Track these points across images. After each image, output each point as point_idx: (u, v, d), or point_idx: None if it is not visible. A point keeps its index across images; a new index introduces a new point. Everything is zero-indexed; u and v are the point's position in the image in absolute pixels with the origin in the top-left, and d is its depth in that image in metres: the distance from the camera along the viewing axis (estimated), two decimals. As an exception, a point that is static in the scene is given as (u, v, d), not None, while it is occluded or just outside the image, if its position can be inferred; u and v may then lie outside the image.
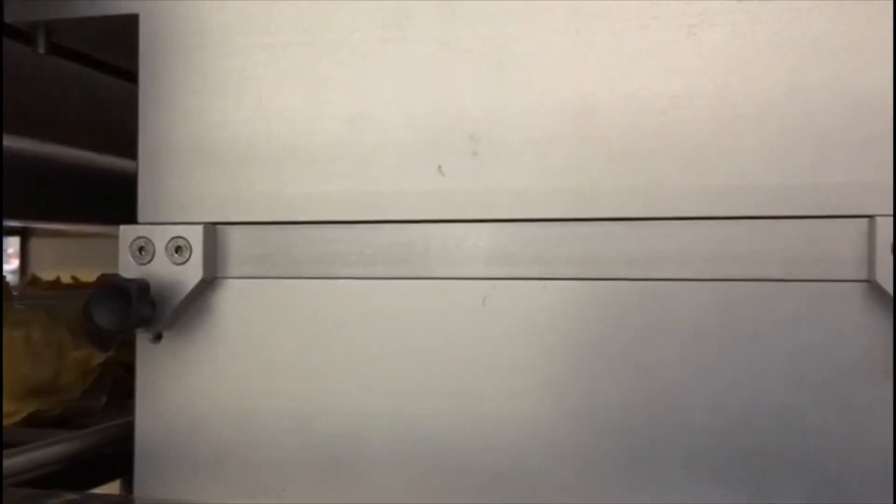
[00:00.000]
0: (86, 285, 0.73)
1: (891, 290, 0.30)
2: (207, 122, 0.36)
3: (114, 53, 0.44)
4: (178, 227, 0.36)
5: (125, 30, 0.37)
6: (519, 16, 0.33)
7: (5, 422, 0.45)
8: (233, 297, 0.36)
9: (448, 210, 0.34)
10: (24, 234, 1.34)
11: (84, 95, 0.51)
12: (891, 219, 0.30)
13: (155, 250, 0.36)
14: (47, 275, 1.34)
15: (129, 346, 0.52)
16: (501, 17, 0.33)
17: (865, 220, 0.31)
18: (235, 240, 0.36)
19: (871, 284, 0.30)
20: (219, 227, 0.36)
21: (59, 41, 0.40)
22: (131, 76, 0.39)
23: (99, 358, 0.49)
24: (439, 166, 0.34)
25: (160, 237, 0.36)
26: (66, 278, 0.86)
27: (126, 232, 0.36)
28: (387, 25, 0.35)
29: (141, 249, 0.36)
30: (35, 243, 1.35)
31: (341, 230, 0.35)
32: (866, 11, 0.31)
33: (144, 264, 0.36)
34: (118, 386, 0.52)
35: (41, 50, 0.39)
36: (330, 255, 0.35)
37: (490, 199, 0.34)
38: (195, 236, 0.35)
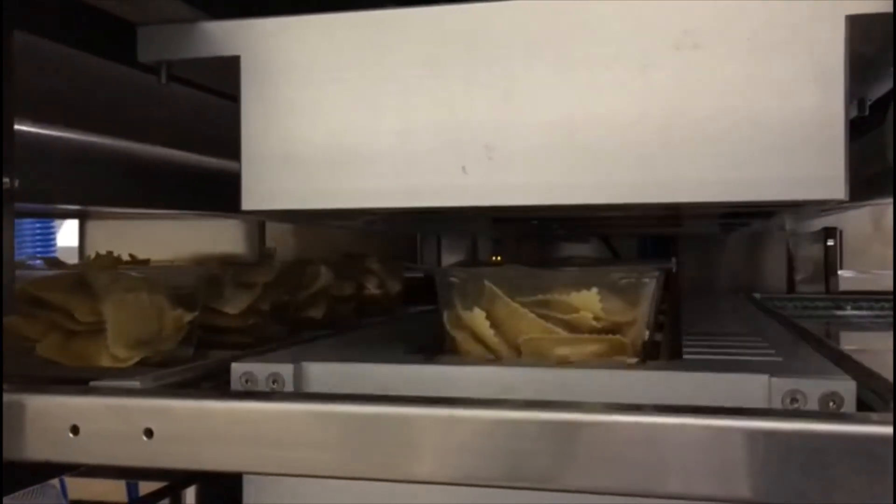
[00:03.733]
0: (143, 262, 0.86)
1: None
2: (293, 136, 0.49)
3: (219, 81, 0.57)
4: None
5: (229, 66, 0.50)
6: (521, 59, 0.46)
7: (122, 365, 0.58)
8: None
9: (471, 198, 0.47)
10: (82, 218, 1.47)
11: (194, 111, 0.64)
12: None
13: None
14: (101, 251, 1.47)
15: (211, 311, 0.65)
16: (508, 60, 0.46)
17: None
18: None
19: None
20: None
21: (178, 73, 0.54)
22: (230, 97, 0.52)
23: (189, 317, 0.62)
24: (463, 167, 0.47)
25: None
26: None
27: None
28: (424, 65, 0.48)
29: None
30: (91, 225, 1.49)
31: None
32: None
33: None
34: (201, 340, 0.65)
35: (164, 80, 0.53)
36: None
37: (502, 190, 0.47)
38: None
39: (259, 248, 1.39)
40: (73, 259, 1.49)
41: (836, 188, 0.42)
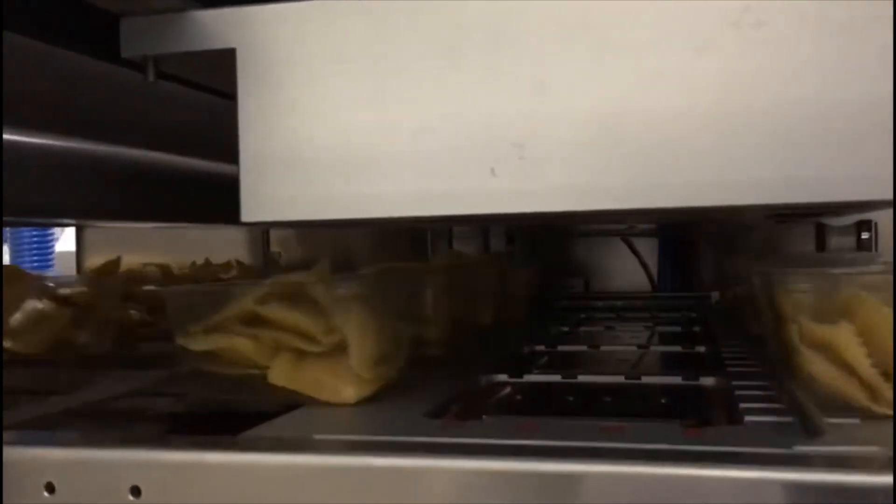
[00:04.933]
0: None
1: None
2: (297, 137, 0.44)
3: (213, 77, 0.52)
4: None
5: (224, 61, 0.45)
6: (555, 45, 0.40)
7: (366, 392, 0.51)
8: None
9: (501, 204, 0.42)
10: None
11: (185, 111, 0.59)
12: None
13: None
14: (98, 259, 1.43)
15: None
16: (540, 46, 0.41)
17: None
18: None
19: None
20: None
21: (167, 70, 0.48)
22: (227, 96, 0.46)
23: (409, 331, 0.58)
24: (492, 169, 0.42)
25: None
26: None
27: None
28: (443, 55, 0.42)
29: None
30: (89, 231, 1.44)
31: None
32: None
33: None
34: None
35: (151, 78, 0.47)
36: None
37: (536, 195, 0.41)
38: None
39: (263, 252, 1.33)
40: (70, 266, 1.44)
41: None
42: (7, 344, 0.75)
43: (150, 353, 0.82)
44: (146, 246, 1.29)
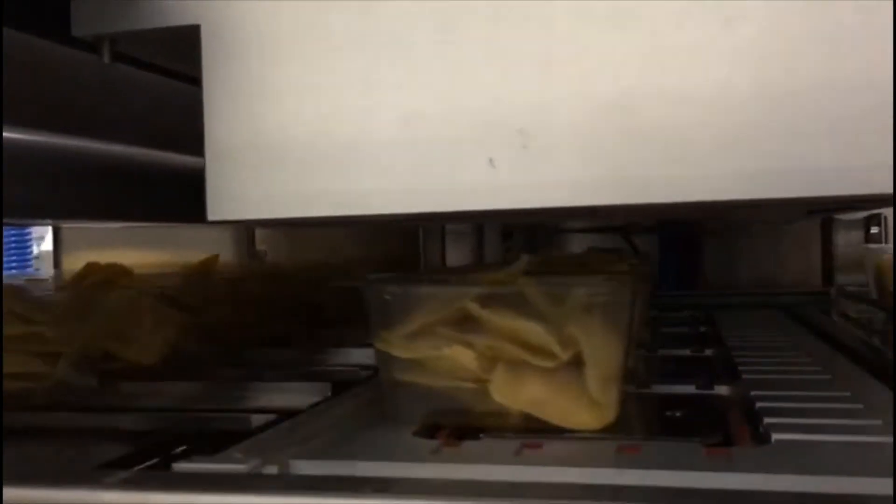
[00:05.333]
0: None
1: None
2: (270, 125, 0.39)
3: (176, 59, 0.46)
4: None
5: (188, 39, 0.40)
6: (563, 17, 0.35)
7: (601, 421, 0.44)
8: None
9: (501, 200, 0.37)
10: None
11: (144, 97, 0.53)
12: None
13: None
14: (78, 257, 1.37)
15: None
16: (546, 18, 0.36)
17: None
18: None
19: None
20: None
21: (124, 50, 0.43)
22: (192, 79, 0.41)
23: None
24: (491, 159, 0.37)
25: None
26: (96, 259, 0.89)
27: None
28: (436, 29, 0.37)
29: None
30: (67, 229, 1.38)
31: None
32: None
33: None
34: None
35: (106, 60, 0.42)
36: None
37: (542, 188, 0.36)
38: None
39: (248, 250, 1.28)
40: (48, 267, 1.38)
41: None
42: (121, 353, 0.70)
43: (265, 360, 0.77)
44: (128, 243, 1.24)
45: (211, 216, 0.39)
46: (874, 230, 1.14)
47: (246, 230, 1.28)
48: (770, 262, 1.27)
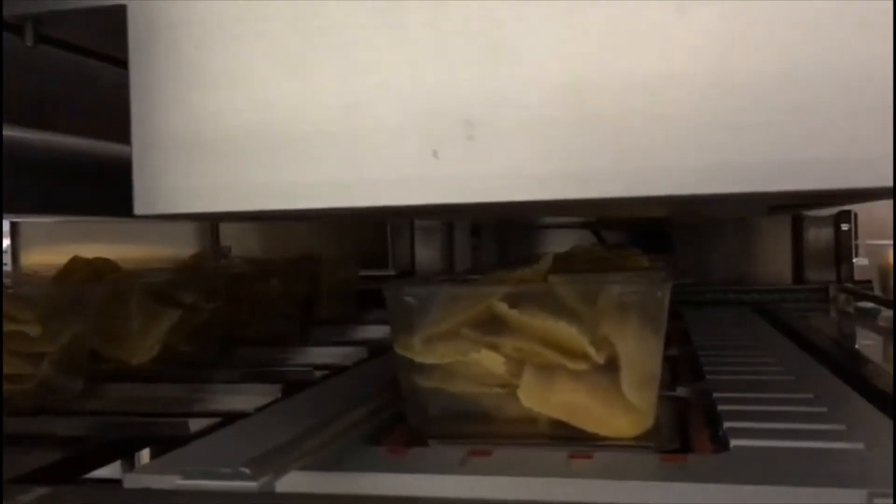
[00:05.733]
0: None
1: None
2: (201, 113, 0.36)
3: (104, 42, 0.44)
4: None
5: (115, 20, 0.37)
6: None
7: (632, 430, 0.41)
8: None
9: (445, 194, 0.34)
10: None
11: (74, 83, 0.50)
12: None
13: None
14: (34, 253, 1.33)
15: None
16: (491, 1, 0.33)
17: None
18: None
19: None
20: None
21: (48, 33, 0.40)
22: (123, 63, 0.39)
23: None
24: (435, 151, 0.34)
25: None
26: (59, 257, 0.85)
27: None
28: (377, 12, 0.35)
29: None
30: (25, 224, 1.34)
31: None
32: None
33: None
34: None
35: (29, 42, 0.39)
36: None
37: (488, 182, 0.34)
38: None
39: (212, 246, 1.25)
40: (7, 262, 1.34)
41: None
42: (113, 354, 0.67)
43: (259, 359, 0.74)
44: (87, 237, 1.20)
45: (138, 210, 0.37)
46: (844, 227, 1.13)
47: (210, 225, 1.25)
48: (741, 258, 1.26)
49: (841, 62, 0.31)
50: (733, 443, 0.39)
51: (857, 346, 0.81)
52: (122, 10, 0.37)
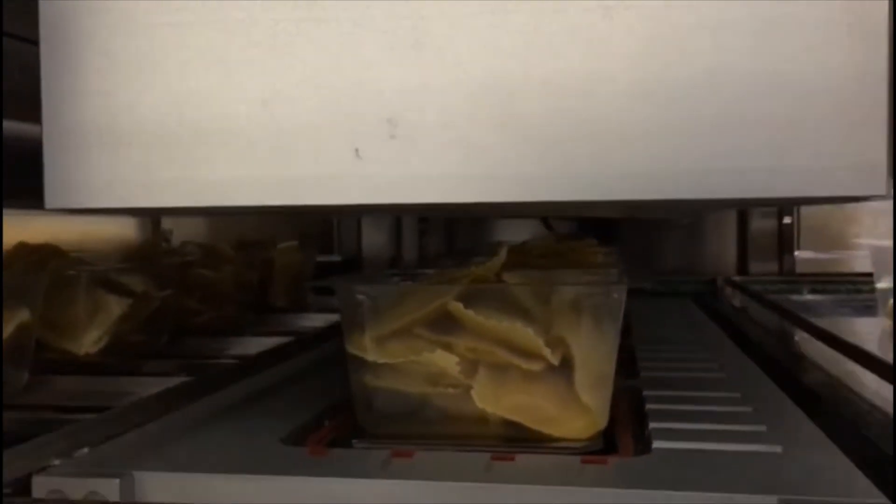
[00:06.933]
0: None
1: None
2: (115, 105, 0.35)
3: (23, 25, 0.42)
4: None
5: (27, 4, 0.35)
6: (434, -4, 0.32)
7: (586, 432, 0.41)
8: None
9: (367, 194, 0.34)
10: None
11: None
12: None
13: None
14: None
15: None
16: (416, -4, 0.33)
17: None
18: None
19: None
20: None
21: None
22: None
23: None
24: (356, 150, 0.34)
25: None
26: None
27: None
28: (299, 4, 0.33)
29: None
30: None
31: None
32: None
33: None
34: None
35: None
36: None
37: (410, 182, 0.33)
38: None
39: (153, 231, 1.22)
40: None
41: (876, 181, 0.30)
42: (59, 344, 0.64)
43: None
44: (25, 227, 1.17)
45: (49, 203, 0.35)
46: (787, 220, 1.15)
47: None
48: (686, 249, 1.27)
49: (767, 70, 0.31)
50: (655, 444, 0.39)
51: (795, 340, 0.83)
52: (31, -6, 0.35)
